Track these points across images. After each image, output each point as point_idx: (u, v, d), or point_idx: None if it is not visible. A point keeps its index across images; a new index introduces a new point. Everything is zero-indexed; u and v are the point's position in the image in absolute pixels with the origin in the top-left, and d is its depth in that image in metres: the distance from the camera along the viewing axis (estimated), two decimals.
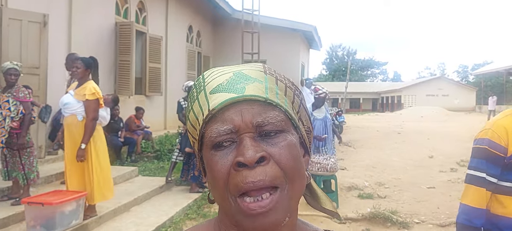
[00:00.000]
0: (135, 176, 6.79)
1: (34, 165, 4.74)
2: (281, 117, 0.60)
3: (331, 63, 64.56)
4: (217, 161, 0.59)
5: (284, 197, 0.57)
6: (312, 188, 0.72)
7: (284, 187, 0.58)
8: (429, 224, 5.24)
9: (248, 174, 0.56)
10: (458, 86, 46.48)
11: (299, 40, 15.66)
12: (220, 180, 0.58)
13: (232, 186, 0.57)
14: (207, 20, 14.69)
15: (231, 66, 0.65)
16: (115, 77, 9.14)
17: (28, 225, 4.04)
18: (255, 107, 0.59)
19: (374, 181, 7.45)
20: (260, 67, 0.64)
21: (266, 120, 0.59)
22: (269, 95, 0.60)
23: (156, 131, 10.05)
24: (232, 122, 0.58)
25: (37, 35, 6.33)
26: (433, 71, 68.40)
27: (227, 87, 0.60)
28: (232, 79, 0.61)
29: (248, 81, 0.61)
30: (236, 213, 0.58)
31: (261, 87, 0.61)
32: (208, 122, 0.60)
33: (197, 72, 13.72)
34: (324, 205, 0.72)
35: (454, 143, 12.53)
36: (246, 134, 0.58)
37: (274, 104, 0.60)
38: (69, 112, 4.35)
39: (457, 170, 8.54)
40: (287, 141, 0.59)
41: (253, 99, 0.59)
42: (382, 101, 51.11)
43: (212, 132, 0.59)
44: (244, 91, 0.60)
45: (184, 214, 5.35)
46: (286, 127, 0.60)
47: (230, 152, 0.58)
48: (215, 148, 0.59)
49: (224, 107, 0.59)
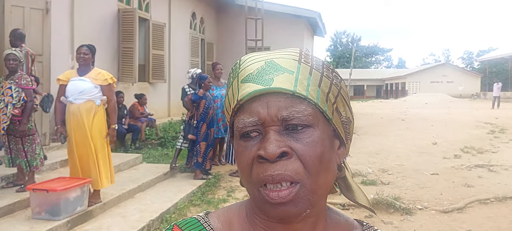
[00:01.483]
0: (139, 163, 6.83)
1: (37, 152, 4.75)
2: (309, 111, 0.59)
3: (335, 50, 64.19)
4: (242, 151, 0.60)
5: (304, 191, 0.58)
6: (347, 181, 0.71)
7: (305, 182, 0.58)
8: (432, 210, 5.25)
9: (268, 167, 0.57)
10: (463, 72, 46.17)
11: (303, 27, 15.56)
12: (244, 170, 0.60)
13: (254, 176, 0.59)
14: (210, 7, 14.60)
15: (267, 53, 0.65)
16: (118, 64, 9.14)
17: (33, 211, 4.09)
18: (282, 100, 0.59)
19: (377, 168, 7.45)
20: (295, 55, 0.63)
21: (291, 114, 0.58)
22: (298, 88, 0.59)
23: (160, 118, 10.08)
24: (258, 114, 0.59)
25: (40, 22, 6.32)
26: (438, 57, 67.98)
27: (256, 77, 0.60)
28: (262, 68, 0.61)
29: (278, 72, 0.60)
30: (259, 200, 0.60)
31: (290, 79, 0.60)
32: (237, 111, 0.62)
33: (200, 59, 13.69)
34: (359, 200, 0.71)
35: (458, 129, 12.48)
36: (272, 127, 0.58)
37: (302, 97, 0.59)
38: (85, 98, 4.39)
39: (461, 157, 8.53)
40: (312, 138, 0.59)
41: (280, 92, 0.59)
42: (386, 88, 50.90)
43: (239, 122, 0.61)
44: (271, 83, 0.59)
45: (188, 200, 5.39)
46: (314, 122, 0.59)
47: (255, 143, 0.59)
48: (242, 138, 0.61)
49: (251, 99, 0.60)
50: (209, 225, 0.67)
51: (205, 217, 0.68)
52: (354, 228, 0.70)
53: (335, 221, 0.68)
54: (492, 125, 13.53)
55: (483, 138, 10.98)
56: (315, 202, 0.60)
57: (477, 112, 18.20)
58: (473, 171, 7.26)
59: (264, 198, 0.58)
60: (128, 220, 4.44)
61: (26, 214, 4.22)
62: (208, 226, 0.67)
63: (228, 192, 5.74)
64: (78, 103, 4.37)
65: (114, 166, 5.60)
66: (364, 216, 4.95)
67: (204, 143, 6.22)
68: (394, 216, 5.02)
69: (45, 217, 4.02)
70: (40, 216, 4.04)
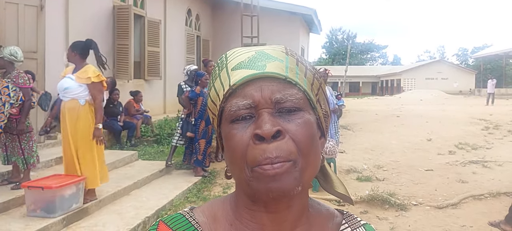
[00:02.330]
0: (135, 160, 6.82)
1: (33, 150, 4.75)
2: (300, 95, 0.62)
3: (331, 47, 64.21)
4: (235, 133, 0.61)
5: (297, 168, 0.59)
6: (325, 171, 0.74)
7: (298, 160, 0.59)
8: (427, 206, 5.28)
9: (266, 148, 0.58)
10: (458, 69, 46.34)
11: (299, 24, 15.56)
12: (238, 152, 0.60)
13: (250, 158, 0.59)
14: (206, 3, 14.56)
15: (253, 46, 0.67)
16: (114, 61, 9.10)
17: (28, 209, 4.08)
18: (275, 84, 0.61)
19: (372, 164, 7.49)
20: (282, 48, 0.66)
21: (284, 97, 0.60)
22: (289, 74, 0.62)
23: (155, 115, 10.06)
24: (252, 97, 0.60)
25: (34, 19, 6.28)
26: (433, 54, 68.19)
27: (248, 64, 0.62)
28: (254, 57, 0.63)
29: (269, 60, 0.63)
30: (252, 180, 0.60)
31: (281, 66, 0.62)
32: (228, 97, 0.63)
33: (196, 56, 13.66)
34: (337, 188, 0.73)
35: (453, 126, 12.55)
36: (265, 109, 0.60)
37: (293, 83, 0.62)
38: (69, 96, 4.33)
39: (455, 153, 8.58)
40: (304, 119, 0.61)
41: (273, 77, 0.61)
42: (382, 85, 51.02)
43: (232, 106, 0.61)
44: (265, 68, 0.61)
45: (184, 197, 5.39)
46: (304, 106, 0.62)
47: (248, 125, 0.60)
48: (234, 121, 0.61)
49: (244, 83, 0.61)
50: (194, 219, 0.68)
51: (190, 212, 0.70)
52: (335, 217, 0.72)
53: (317, 210, 0.70)
54: (486, 121, 13.62)
55: (477, 134, 11.05)
56: (304, 182, 0.61)
57: (472, 109, 18.30)
58: (467, 167, 7.32)
59: (258, 173, 0.58)
60: (124, 217, 4.44)
61: (21, 211, 4.21)
62: (194, 220, 0.68)
63: (224, 188, 5.75)
64: (64, 101, 4.38)
65: (109, 163, 5.66)
66: (359, 212, 4.98)
67: (204, 140, 6.23)
68: (389, 212, 5.05)
69: (40, 215, 4.01)
70: (35, 214, 4.03)
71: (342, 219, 0.71)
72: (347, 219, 0.72)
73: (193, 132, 6.26)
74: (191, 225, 0.68)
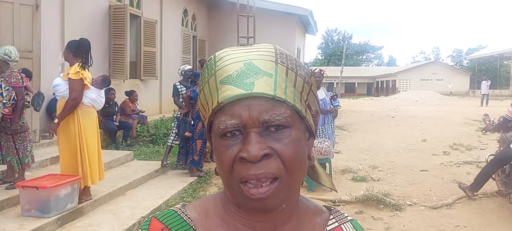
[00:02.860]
0: (130, 160, 6.81)
1: (28, 150, 4.72)
2: (288, 113, 0.62)
3: (326, 48, 64.30)
4: (223, 151, 0.62)
5: (282, 186, 0.61)
6: (314, 167, 0.77)
7: (284, 178, 0.61)
8: (421, 206, 5.31)
9: (251, 167, 0.59)
10: (452, 70, 46.58)
11: (295, 25, 15.59)
12: (225, 168, 0.62)
13: (236, 174, 0.61)
14: (202, 4, 14.55)
15: (243, 50, 0.66)
16: (109, 61, 9.08)
17: (22, 209, 4.06)
18: (263, 103, 0.61)
19: (367, 164, 7.51)
20: (271, 55, 0.64)
21: (272, 117, 0.60)
22: (277, 92, 0.62)
23: (151, 115, 10.04)
24: (240, 117, 0.60)
25: (30, 19, 6.25)
26: (428, 55, 68.49)
27: (236, 80, 0.61)
28: (242, 71, 0.62)
29: (258, 76, 0.62)
30: (238, 195, 0.62)
31: (270, 83, 0.62)
32: (216, 112, 0.63)
33: (192, 56, 13.65)
34: (324, 182, 0.79)
35: (447, 126, 12.62)
36: (253, 129, 0.60)
37: (282, 101, 0.62)
38: (59, 95, 4.38)
39: (450, 153, 8.63)
40: (291, 137, 0.62)
41: (261, 96, 0.61)
42: (377, 86, 51.19)
43: (220, 123, 0.62)
44: (253, 87, 0.61)
45: (180, 197, 5.39)
46: (291, 123, 0.62)
47: (236, 143, 0.61)
48: (222, 137, 0.62)
49: (232, 102, 0.61)
50: (187, 215, 0.70)
51: (182, 208, 0.71)
52: (322, 212, 0.74)
53: (306, 206, 0.73)
54: (480, 122, 13.69)
55: (471, 135, 11.12)
56: (290, 196, 0.64)
57: (466, 110, 18.39)
58: (461, 168, 7.36)
59: (244, 193, 0.61)
60: (119, 217, 4.43)
61: (15, 211, 4.19)
62: (186, 216, 0.69)
63: (219, 188, 5.71)
64: (58, 99, 4.44)
65: (105, 162, 5.60)
66: (354, 212, 5.00)
67: (200, 141, 6.22)
68: (384, 212, 5.08)
69: (34, 215, 4.00)
70: (30, 213, 4.02)
71: (330, 215, 0.73)
72: (334, 215, 0.74)
73: (191, 132, 6.26)
74: (183, 220, 0.69)
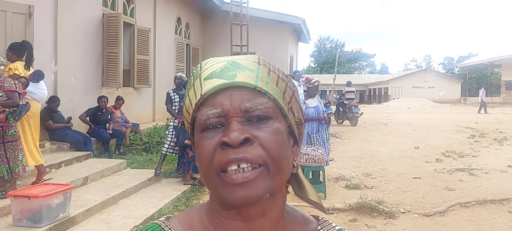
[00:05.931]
0: (124, 169, 6.76)
1: (19, 159, 4.66)
2: (270, 104, 0.63)
3: (319, 56, 64.65)
4: (204, 142, 0.62)
5: (266, 174, 0.60)
6: (299, 179, 0.74)
7: (268, 165, 0.60)
8: (415, 214, 5.33)
9: (231, 152, 0.59)
10: (444, 78, 47.02)
11: (288, 33, 15.67)
12: (205, 159, 0.61)
13: (215, 162, 0.60)
14: (195, 12, 14.59)
15: (227, 57, 0.68)
16: (103, 69, 9.04)
17: (14, 218, 4.01)
18: (245, 93, 0.62)
19: (361, 172, 7.53)
20: (255, 58, 0.67)
21: (254, 106, 0.61)
22: (259, 84, 0.63)
23: (144, 123, 10.00)
24: (222, 106, 0.61)
25: (22, 27, 6.23)
26: (419, 63, 69.00)
27: (219, 74, 0.63)
28: (225, 67, 0.64)
29: (240, 69, 0.64)
30: (219, 186, 0.61)
31: (252, 76, 0.63)
32: (200, 106, 0.63)
33: (186, 64, 13.65)
34: (310, 196, 0.73)
35: (440, 134, 12.72)
36: (234, 118, 0.61)
37: (263, 92, 0.63)
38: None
39: (442, 161, 8.69)
40: (273, 127, 0.62)
41: (243, 86, 0.62)
42: (370, 93, 51.47)
43: (202, 115, 0.62)
44: (235, 78, 0.62)
45: (173, 206, 5.36)
46: (274, 114, 0.63)
47: (217, 134, 0.61)
48: (204, 130, 0.62)
49: (215, 93, 0.62)
50: (170, 228, 0.69)
51: (166, 221, 0.70)
52: (310, 222, 0.72)
53: (293, 216, 0.71)
54: (472, 129, 13.82)
55: (463, 142, 11.20)
56: (274, 188, 0.62)
57: (458, 117, 18.55)
58: (454, 175, 7.40)
59: (224, 181, 0.59)
60: (112, 226, 4.39)
61: (7, 221, 4.14)
62: (169, 229, 0.68)
63: None
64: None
65: (98, 171, 5.84)
66: (348, 220, 5.01)
67: None
68: (377, 219, 5.08)
69: (26, 224, 3.95)
70: (22, 224, 3.97)
71: (318, 225, 0.72)
72: (322, 225, 0.72)
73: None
74: None
